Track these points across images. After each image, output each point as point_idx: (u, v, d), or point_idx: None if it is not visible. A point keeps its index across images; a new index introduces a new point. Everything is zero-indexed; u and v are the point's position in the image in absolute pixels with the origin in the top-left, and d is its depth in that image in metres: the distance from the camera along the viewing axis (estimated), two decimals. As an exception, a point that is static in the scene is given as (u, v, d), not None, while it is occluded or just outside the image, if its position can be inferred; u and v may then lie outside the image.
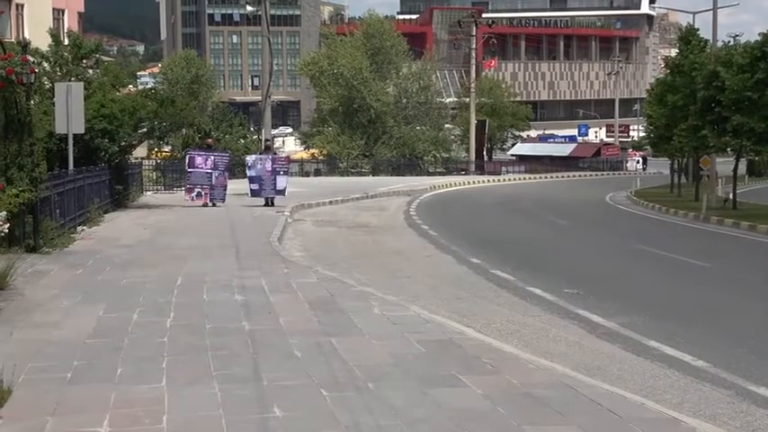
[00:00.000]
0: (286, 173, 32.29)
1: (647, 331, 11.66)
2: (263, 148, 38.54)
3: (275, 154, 35.50)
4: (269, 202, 31.21)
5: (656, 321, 12.45)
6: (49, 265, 15.95)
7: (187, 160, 31.65)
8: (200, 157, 31.29)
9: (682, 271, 18.51)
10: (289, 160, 36.44)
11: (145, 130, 29.84)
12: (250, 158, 32.68)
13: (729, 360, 10.22)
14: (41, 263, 16.17)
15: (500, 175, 76.25)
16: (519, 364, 9.15)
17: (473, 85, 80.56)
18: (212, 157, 31.46)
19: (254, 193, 31.45)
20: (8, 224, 12.03)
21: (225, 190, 31.39)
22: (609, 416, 7.47)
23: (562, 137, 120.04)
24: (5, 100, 16.19)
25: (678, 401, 8.57)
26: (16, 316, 11.29)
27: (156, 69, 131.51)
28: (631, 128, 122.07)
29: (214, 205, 30.47)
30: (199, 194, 30.88)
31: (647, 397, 8.38)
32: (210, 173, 31.05)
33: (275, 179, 31.33)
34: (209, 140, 35.82)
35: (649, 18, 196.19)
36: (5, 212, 11.99)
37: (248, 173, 31.82)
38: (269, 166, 31.40)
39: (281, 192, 31.56)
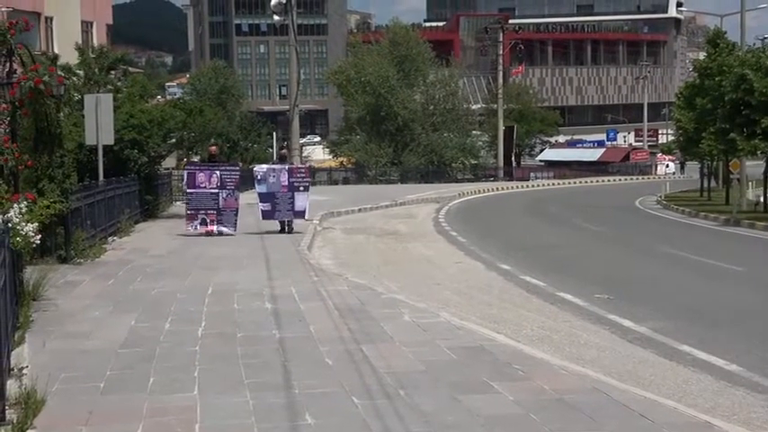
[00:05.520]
0: (307, 188, 25.11)
1: (679, 336, 11.60)
2: (275, 158, 33.68)
3: (292, 164, 27.81)
4: (285, 228, 24.93)
5: (688, 326, 12.38)
6: (81, 276, 16.05)
7: (185, 178, 24.77)
8: (202, 174, 24.18)
9: (713, 275, 18.40)
10: (310, 172, 27.81)
11: (174, 140, 29.88)
12: (260, 170, 25.49)
13: (763, 364, 10.13)
14: (73, 273, 16.27)
15: (529, 180, 76.25)
16: (550, 370, 9.13)
17: (500, 91, 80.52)
18: (218, 173, 24.24)
19: (265, 215, 24.89)
20: (40, 235, 12.09)
21: (236, 214, 24.40)
22: (641, 421, 7.44)
23: (590, 142, 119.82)
24: (36, 112, 16.28)
25: (711, 406, 8.52)
26: (49, 326, 11.36)
27: (184, 80, 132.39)
28: (660, 132, 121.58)
29: (221, 234, 23.82)
30: (203, 222, 24.08)
31: (679, 401, 8.33)
32: (216, 193, 24.03)
33: (293, 197, 24.61)
34: (213, 148, 27.17)
35: (677, 21, 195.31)
36: (37, 224, 12.06)
37: (258, 189, 24.94)
38: (285, 179, 24.64)
39: (301, 213, 24.91)
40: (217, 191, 24.02)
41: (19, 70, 15.59)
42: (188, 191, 24.46)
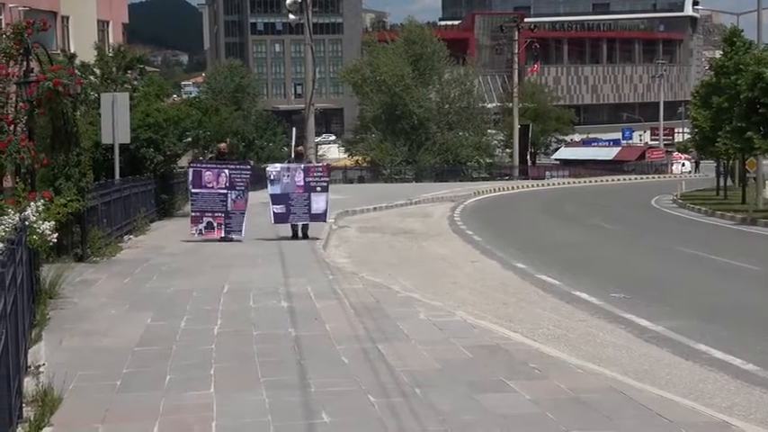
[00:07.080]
0: (325, 189, 22.77)
1: (696, 335, 11.56)
2: (291, 156, 32.00)
3: (309, 162, 25.91)
4: (299, 233, 22.67)
5: (705, 325, 12.34)
6: (97, 274, 16.10)
7: (190, 176, 22.57)
8: (209, 173, 22.01)
9: (729, 274, 18.34)
10: (328, 170, 24.95)
11: (189, 139, 29.90)
12: (273, 169, 23.20)
13: (780, 363, 10.10)
14: (89, 272, 16.32)
15: (544, 179, 76.05)
16: (566, 369, 9.11)
17: (516, 89, 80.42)
18: (226, 172, 22.08)
19: (278, 219, 22.52)
20: (56, 234, 12.12)
21: (244, 217, 22.24)
22: (658, 420, 7.42)
23: (606, 140, 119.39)
24: (53, 111, 16.31)
25: (728, 405, 8.49)
26: (65, 324, 11.40)
27: (199, 79, 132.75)
28: (676, 131, 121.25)
29: (230, 240, 21.94)
30: (209, 226, 22.00)
31: (696, 401, 8.31)
32: (225, 194, 21.94)
33: (309, 198, 22.35)
34: (223, 145, 24.69)
35: (693, 20, 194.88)
36: (54, 222, 12.08)
37: (270, 190, 22.59)
38: (300, 179, 22.38)
39: (319, 216, 22.70)
40: (225, 191, 21.98)
41: (36, 69, 15.64)
42: (193, 190, 22.38)
